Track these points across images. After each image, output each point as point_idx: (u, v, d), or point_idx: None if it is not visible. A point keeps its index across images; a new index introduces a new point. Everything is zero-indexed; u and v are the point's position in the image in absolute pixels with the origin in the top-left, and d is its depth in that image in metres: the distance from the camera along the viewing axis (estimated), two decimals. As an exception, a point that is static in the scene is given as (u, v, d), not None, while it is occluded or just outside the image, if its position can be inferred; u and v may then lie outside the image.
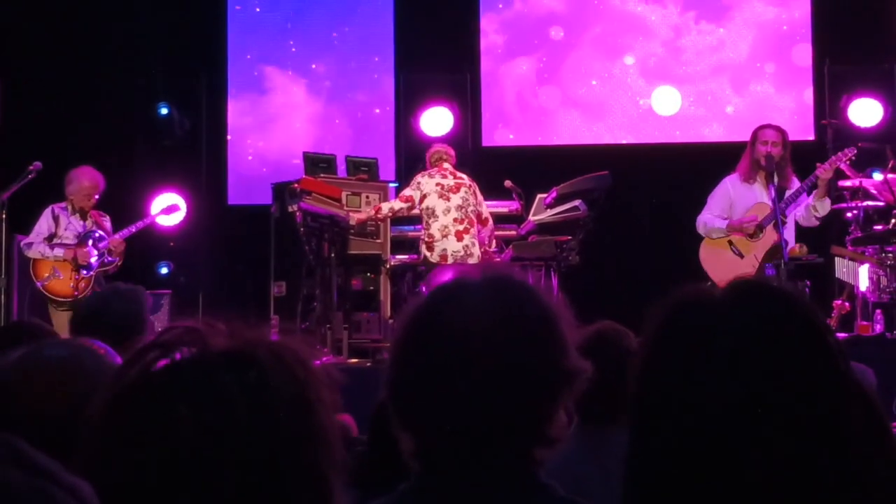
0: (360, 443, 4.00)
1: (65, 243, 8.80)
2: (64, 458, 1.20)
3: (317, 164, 10.13)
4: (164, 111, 11.73)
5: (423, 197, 9.22)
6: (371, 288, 9.90)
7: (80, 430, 1.32)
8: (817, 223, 8.39)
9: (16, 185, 8.74)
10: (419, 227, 9.82)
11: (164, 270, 11.53)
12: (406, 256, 9.99)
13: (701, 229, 8.48)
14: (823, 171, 8.12)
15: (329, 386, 1.36)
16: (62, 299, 8.72)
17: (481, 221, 9.41)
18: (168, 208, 10.01)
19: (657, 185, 11.23)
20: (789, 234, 8.31)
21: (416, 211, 9.29)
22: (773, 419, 1.37)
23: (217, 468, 1.24)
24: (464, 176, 9.39)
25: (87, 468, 1.23)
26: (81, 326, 4.07)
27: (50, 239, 8.81)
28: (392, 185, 10.52)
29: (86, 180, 8.85)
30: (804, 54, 11.61)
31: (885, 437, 1.52)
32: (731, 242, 8.38)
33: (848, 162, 8.44)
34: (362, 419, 4.52)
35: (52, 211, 8.86)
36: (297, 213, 9.16)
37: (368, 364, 9.01)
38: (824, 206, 8.25)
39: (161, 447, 1.24)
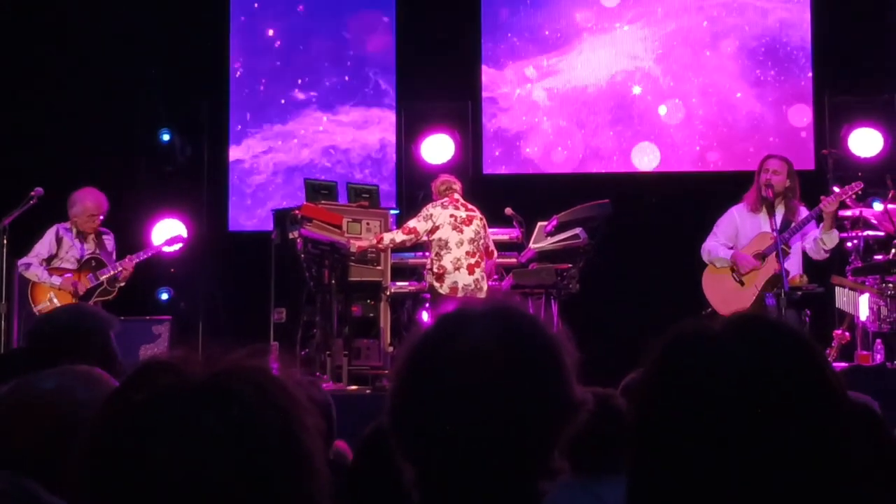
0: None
1: (63, 267, 8.76)
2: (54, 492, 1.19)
3: (318, 190, 10.14)
4: (166, 137, 11.75)
5: (436, 228, 9.18)
6: (371, 315, 9.88)
7: (68, 465, 1.30)
8: (827, 255, 8.35)
9: (17, 211, 8.72)
10: (419, 254, 9.81)
11: (165, 296, 11.53)
12: (407, 283, 9.98)
13: (704, 256, 8.47)
14: (828, 204, 8.10)
15: (311, 410, 1.34)
16: None
17: (488, 254, 9.42)
18: (172, 239, 9.79)
19: (658, 213, 11.24)
20: (794, 264, 8.28)
21: (422, 241, 9.29)
22: (772, 454, 1.37)
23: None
24: (475, 208, 9.39)
25: None
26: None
27: (49, 261, 8.77)
28: (393, 212, 10.53)
29: (89, 202, 8.81)
30: (804, 84, 11.65)
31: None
32: (733, 270, 8.38)
33: (854, 196, 8.45)
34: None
35: (57, 232, 8.80)
36: (298, 240, 9.16)
37: (368, 391, 8.99)
38: (832, 239, 8.22)
39: (145, 489, 1.22)
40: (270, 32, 12.27)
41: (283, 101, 12.22)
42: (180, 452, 1.23)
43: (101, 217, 8.87)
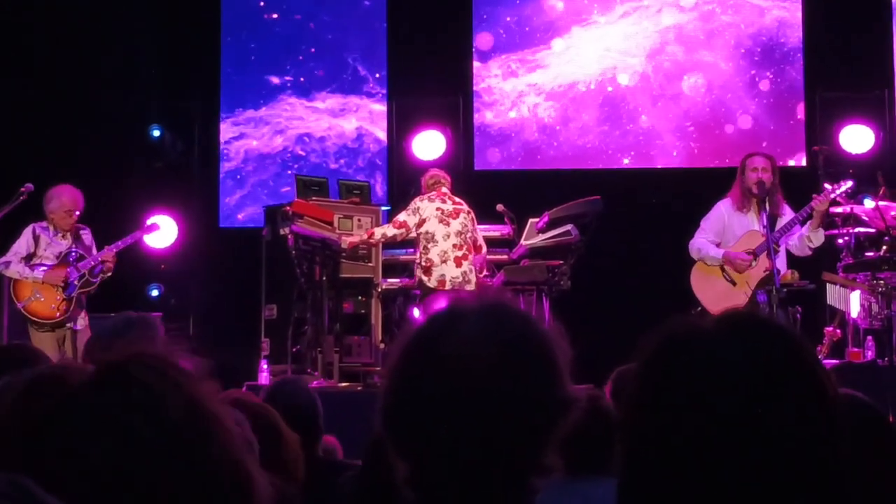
0: (347, 467, 3.95)
1: (45, 264, 8.74)
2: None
3: (309, 186, 10.13)
4: (157, 133, 11.73)
5: (423, 221, 9.18)
6: (362, 311, 9.88)
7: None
8: (810, 253, 8.39)
9: (7, 208, 8.71)
10: (410, 250, 9.80)
11: (155, 293, 11.51)
12: (398, 280, 9.98)
13: (694, 253, 8.47)
14: (819, 203, 8.11)
15: (204, 377, 1.36)
16: (43, 321, 8.68)
17: (475, 248, 9.41)
18: (149, 227, 9.66)
19: (648, 209, 11.25)
20: (781, 260, 8.31)
21: (412, 235, 9.28)
22: (764, 452, 1.37)
23: (127, 492, 1.23)
24: (462, 202, 9.39)
25: None
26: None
27: (28, 259, 8.74)
28: (384, 208, 10.52)
29: (66, 198, 8.77)
30: (796, 80, 11.65)
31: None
32: (723, 269, 8.37)
33: (844, 195, 8.46)
34: (352, 442, 4.51)
35: (34, 230, 8.77)
36: (289, 236, 9.15)
37: (359, 388, 9.00)
38: (818, 237, 8.25)
39: (68, 487, 1.22)
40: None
41: (256, 86, 12.14)
42: (95, 447, 1.24)
43: (78, 213, 8.82)
